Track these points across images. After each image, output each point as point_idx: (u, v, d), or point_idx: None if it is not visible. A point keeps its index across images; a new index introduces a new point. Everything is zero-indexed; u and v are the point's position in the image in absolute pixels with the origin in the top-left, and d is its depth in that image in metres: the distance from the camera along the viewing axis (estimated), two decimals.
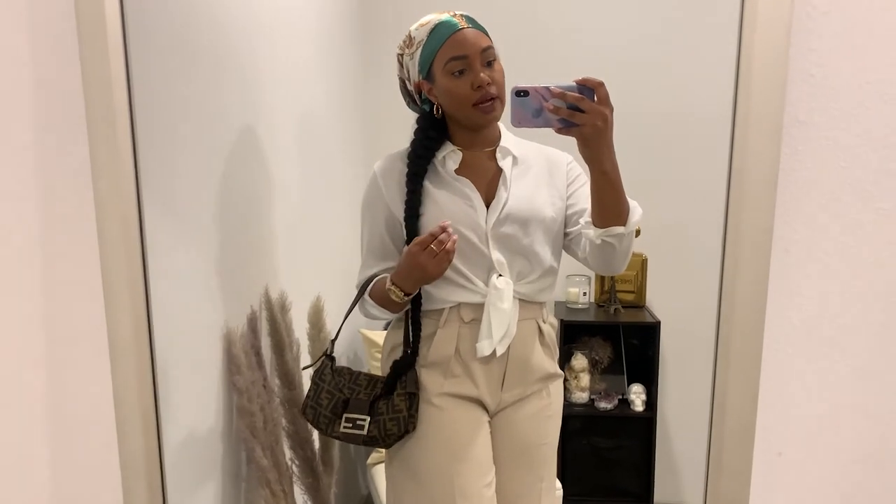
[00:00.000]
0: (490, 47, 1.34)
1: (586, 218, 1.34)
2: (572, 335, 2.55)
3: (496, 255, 1.39)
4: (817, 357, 1.06)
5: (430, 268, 1.29)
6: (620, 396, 2.56)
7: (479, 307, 1.40)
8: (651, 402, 2.50)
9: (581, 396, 2.52)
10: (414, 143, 1.44)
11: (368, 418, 1.40)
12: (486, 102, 1.33)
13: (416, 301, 1.41)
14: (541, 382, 1.48)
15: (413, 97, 1.46)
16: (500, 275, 1.39)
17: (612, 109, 1.17)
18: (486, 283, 1.39)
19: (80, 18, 1.06)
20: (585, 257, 1.41)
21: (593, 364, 2.57)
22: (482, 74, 1.32)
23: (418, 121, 1.46)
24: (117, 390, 1.13)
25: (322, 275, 2.19)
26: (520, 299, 1.42)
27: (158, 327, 1.23)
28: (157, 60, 1.28)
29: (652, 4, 2.47)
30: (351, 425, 1.41)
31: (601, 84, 1.16)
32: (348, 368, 1.47)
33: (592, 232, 1.31)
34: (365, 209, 1.48)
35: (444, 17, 1.35)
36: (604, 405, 2.51)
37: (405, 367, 1.41)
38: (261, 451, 1.58)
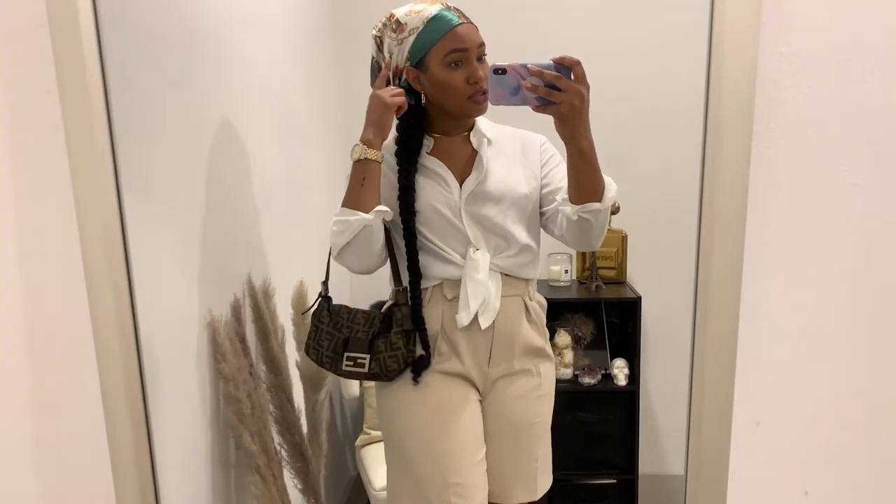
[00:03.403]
0: (483, 44, 1.39)
1: (563, 195, 1.38)
2: (555, 313, 2.57)
3: (471, 231, 1.44)
4: (794, 340, 1.09)
5: (384, 95, 1.38)
6: (604, 371, 2.59)
7: (460, 284, 1.44)
8: (633, 376, 2.54)
9: (565, 373, 2.55)
10: (403, 140, 1.45)
11: (368, 356, 1.45)
12: (480, 95, 1.38)
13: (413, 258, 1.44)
14: (529, 358, 1.52)
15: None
16: (478, 248, 1.44)
17: (588, 88, 1.20)
18: (465, 258, 1.44)
19: (52, 15, 1.04)
20: (562, 234, 1.44)
21: (576, 340, 2.60)
22: (479, 70, 1.37)
23: (404, 117, 1.46)
24: (105, 386, 1.13)
25: (304, 260, 2.18)
26: (502, 274, 1.46)
27: (143, 320, 1.23)
28: (132, 52, 1.26)
29: None
30: (352, 363, 1.46)
31: (578, 62, 1.19)
32: (346, 307, 1.51)
33: (569, 209, 1.35)
34: None
35: (439, 8, 1.37)
36: (587, 380, 2.54)
37: (397, 306, 1.46)
38: (249, 437, 1.59)
